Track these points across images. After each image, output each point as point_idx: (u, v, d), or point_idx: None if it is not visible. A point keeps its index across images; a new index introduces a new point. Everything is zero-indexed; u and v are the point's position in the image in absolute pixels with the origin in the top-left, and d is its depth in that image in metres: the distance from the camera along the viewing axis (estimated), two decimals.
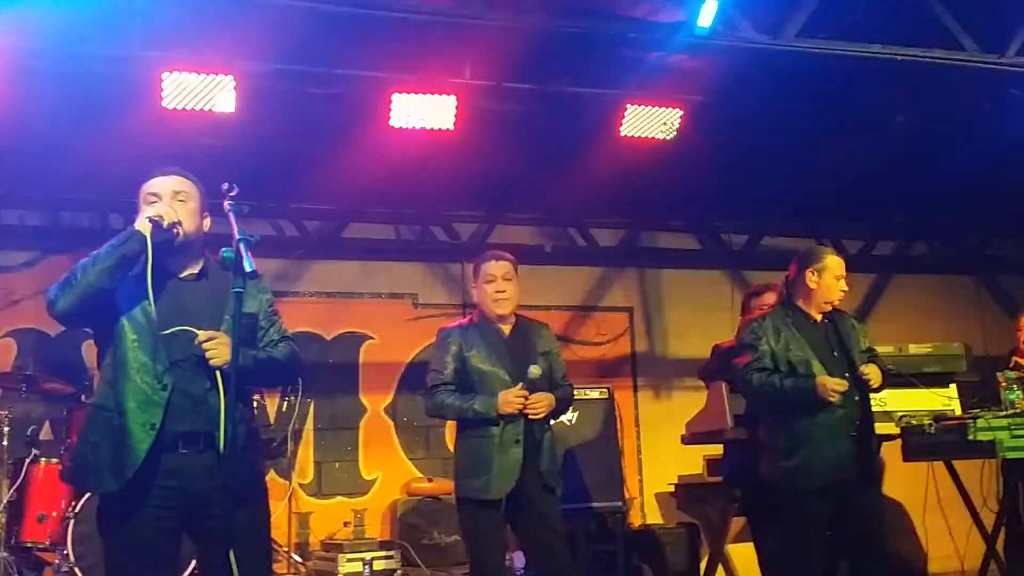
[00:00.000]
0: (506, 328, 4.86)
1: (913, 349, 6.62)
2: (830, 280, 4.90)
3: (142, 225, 3.35)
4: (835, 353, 4.84)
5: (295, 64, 5.99)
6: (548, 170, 7.46)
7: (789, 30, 5.72)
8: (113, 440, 3.30)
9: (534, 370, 4.65)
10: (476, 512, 4.65)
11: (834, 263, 4.95)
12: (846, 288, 4.95)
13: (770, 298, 5.61)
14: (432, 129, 6.32)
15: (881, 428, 5.21)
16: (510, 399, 4.60)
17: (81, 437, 3.46)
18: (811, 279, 4.92)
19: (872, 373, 4.78)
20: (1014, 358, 6.77)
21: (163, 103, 5.85)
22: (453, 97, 6.25)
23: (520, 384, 4.63)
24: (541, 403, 4.65)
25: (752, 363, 4.86)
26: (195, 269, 3.54)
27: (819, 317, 4.94)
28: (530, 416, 4.64)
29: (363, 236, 8.48)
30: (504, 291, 4.81)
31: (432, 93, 6.21)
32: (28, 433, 6.54)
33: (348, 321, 8.40)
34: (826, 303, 4.93)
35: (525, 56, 6.00)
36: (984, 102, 6.60)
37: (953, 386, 6.36)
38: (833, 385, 4.66)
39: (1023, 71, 5.98)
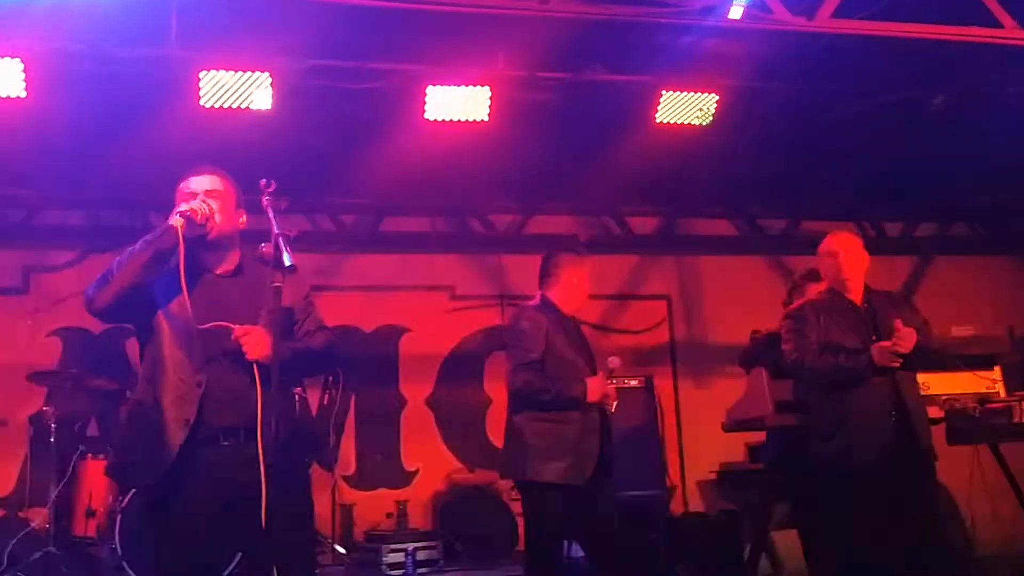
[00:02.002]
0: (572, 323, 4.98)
1: (955, 331, 6.55)
2: (825, 260, 4.97)
3: (174, 220, 3.39)
4: (873, 337, 4.79)
5: (330, 60, 6.02)
6: (583, 159, 7.43)
7: (823, 12, 5.68)
8: (151, 435, 3.35)
9: (615, 360, 4.69)
10: (551, 495, 4.61)
11: (824, 241, 5.01)
12: (845, 262, 4.87)
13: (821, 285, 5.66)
14: (467, 121, 6.34)
15: None
16: (599, 387, 4.66)
17: (123, 433, 3.49)
18: (819, 264, 5.03)
19: (904, 333, 4.64)
20: None
21: (201, 102, 5.93)
22: (487, 88, 6.27)
23: (602, 374, 4.70)
24: (615, 397, 4.77)
25: (799, 348, 4.86)
26: (231, 265, 3.57)
27: (858, 300, 4.91)
28: (609, 408, 4.74)
29: (400, 229, 8.52)
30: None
31: (466, 85, 6.24)
32: (75, 429, 6.64)
33: (386, 314, 8.44)
34: (845, 280, 4.89)
35: (558, 45, 5.99)
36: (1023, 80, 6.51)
37: (997, 368, 6.29)
38: (890, 347, 4.61)
39: None
